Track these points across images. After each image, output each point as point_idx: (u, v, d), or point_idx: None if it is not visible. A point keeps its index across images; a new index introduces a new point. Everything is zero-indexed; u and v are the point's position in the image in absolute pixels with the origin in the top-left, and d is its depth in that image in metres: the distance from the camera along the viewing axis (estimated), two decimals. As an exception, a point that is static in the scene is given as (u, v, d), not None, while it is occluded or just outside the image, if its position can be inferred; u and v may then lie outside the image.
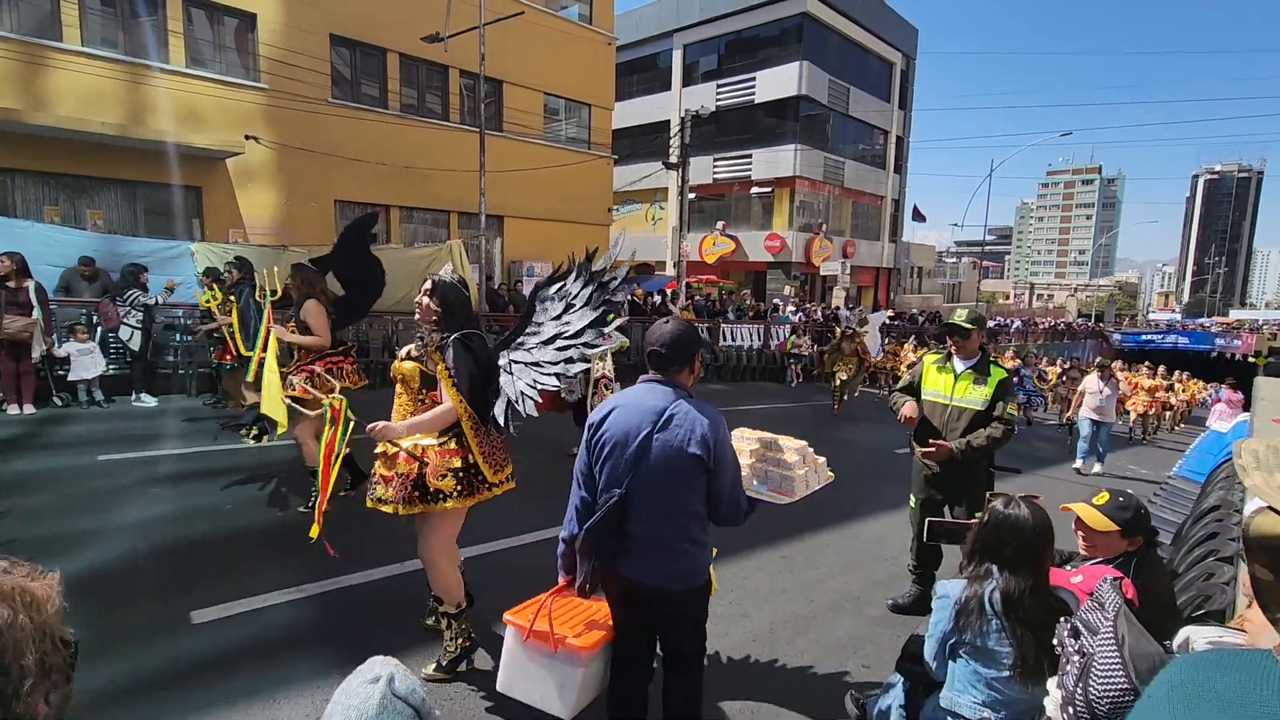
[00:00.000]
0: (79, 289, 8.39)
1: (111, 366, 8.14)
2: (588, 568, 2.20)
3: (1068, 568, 2.31)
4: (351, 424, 2.73)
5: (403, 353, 3.01)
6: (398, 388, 2.98)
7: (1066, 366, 16.76)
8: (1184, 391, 18.31)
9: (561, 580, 2.39)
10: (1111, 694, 1.21)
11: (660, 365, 2.20)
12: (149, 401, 8.01)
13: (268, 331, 4.09)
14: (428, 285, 2.92)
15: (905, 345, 16.90)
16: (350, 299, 4.90)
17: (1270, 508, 0.89)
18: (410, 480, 2.78)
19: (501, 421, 2.81)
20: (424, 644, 3.18)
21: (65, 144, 10.93)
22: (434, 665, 2.97)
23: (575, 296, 2.98)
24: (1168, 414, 16.17)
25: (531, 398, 2.81)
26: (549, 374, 2.87)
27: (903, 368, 15.06)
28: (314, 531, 2.72)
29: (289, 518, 4.67)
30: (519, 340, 2.99)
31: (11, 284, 6.87)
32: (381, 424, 2.72)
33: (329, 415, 2.72)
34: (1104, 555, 2.30)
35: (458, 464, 2.81)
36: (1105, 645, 1.26)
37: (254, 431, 6.40)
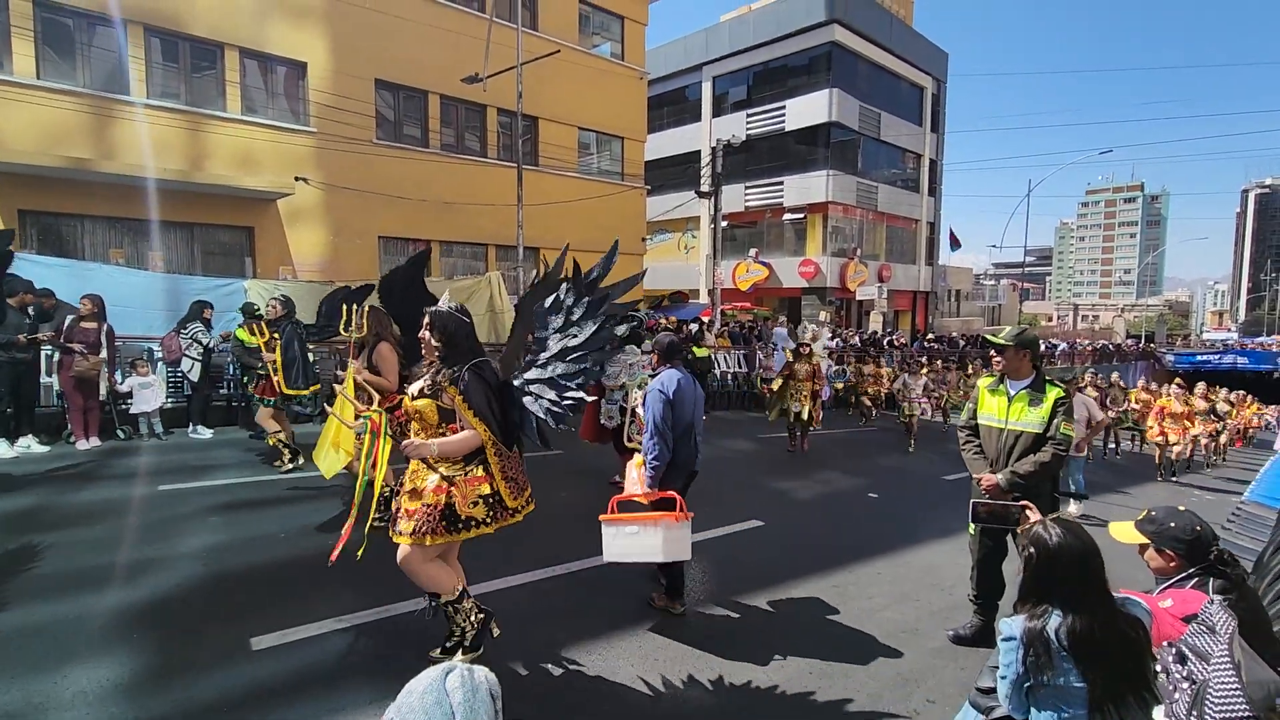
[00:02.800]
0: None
1: (168, 400, 8.46)
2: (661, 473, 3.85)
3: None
4: (390, 442, 2.80)
5: (413, 389, 2.96)
6: (413, 425, 2.98)
7: (1105, 387, 12.77)
8: (1233, 415, 15.26)
9: (636, 495, 3.91)
10: None
11: (676, 357, 4.13)
12: (204, 433, 8.28)
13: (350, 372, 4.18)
14: (426, 319, 2.89)
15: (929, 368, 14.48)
16: (410, 342, 4.99)
17: None
18: (439, 510, 2.78)
19: (536, 438, 2.88)
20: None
21: (131, 190, 11.54)
22: (459, 652, 2.99)
23: (573, 309, 3.00)
24: (1210, 443, 13.17)
25: (559, 414, 2.85)
26: (572, 386, 2.87)
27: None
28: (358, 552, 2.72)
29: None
30: (530, 359, 3.00)
31: (90, 325, 7.22)
32: (418, 441, 2.78)
33: (369, 428, 2.78)
34: (1164, 576, 2.24)
35: (486, 490, 2.85)
36: (1221, 671, 1.19)
37: (286, 458, 6.55)
